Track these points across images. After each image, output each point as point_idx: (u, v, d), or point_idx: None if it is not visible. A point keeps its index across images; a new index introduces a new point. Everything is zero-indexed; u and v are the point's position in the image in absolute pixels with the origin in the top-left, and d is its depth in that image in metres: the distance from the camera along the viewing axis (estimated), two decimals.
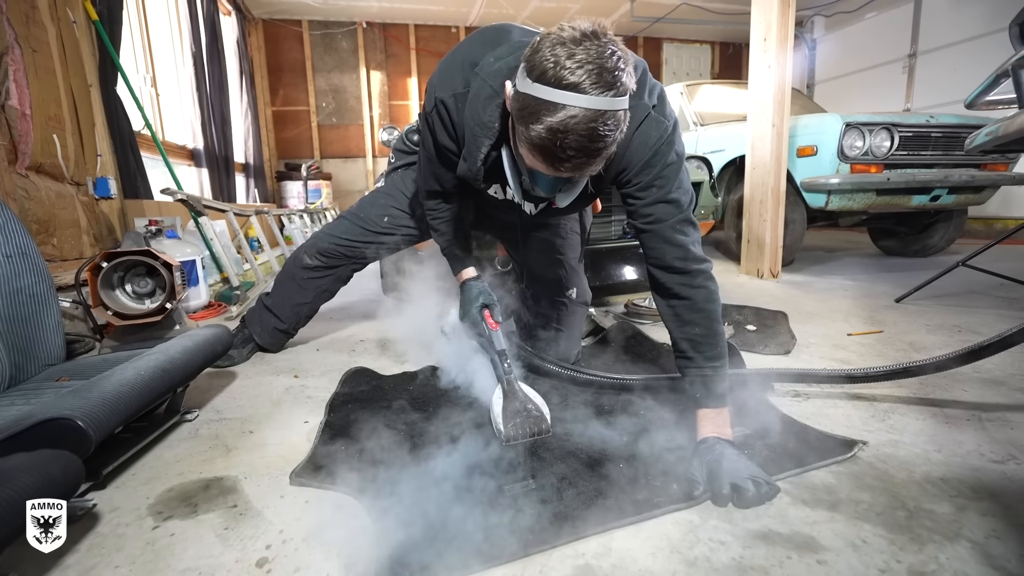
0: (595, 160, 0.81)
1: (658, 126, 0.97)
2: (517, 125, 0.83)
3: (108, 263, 1.76)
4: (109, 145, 2.87)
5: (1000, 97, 1.19)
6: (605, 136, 0.77)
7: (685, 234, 1.02)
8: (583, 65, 0.73)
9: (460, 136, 1.05)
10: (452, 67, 1.04)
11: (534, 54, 0.77)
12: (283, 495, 0.93)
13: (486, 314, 1.25)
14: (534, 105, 0.76)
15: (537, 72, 0.76)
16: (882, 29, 6.57)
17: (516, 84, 0.82)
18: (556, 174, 0.85)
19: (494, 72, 0.94)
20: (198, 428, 1.22)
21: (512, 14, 7.09)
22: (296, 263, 1.71)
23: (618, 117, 0.77)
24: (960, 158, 3.15)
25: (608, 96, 0.75)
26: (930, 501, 0.85)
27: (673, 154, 0.99)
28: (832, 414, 1.21)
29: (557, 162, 0.80)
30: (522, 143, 0.84)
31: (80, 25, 2.71)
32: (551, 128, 0.76)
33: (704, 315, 1.03)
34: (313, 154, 7.50)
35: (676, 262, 1.02)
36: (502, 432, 1.03)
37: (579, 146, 0.77)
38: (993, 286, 2.58)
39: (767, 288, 2.81)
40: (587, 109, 0.74)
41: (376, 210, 1.65)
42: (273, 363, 1.72)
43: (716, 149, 3.76)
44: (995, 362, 1.52)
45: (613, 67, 0.74)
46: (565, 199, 0.97)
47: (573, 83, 0.73)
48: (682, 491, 0.88)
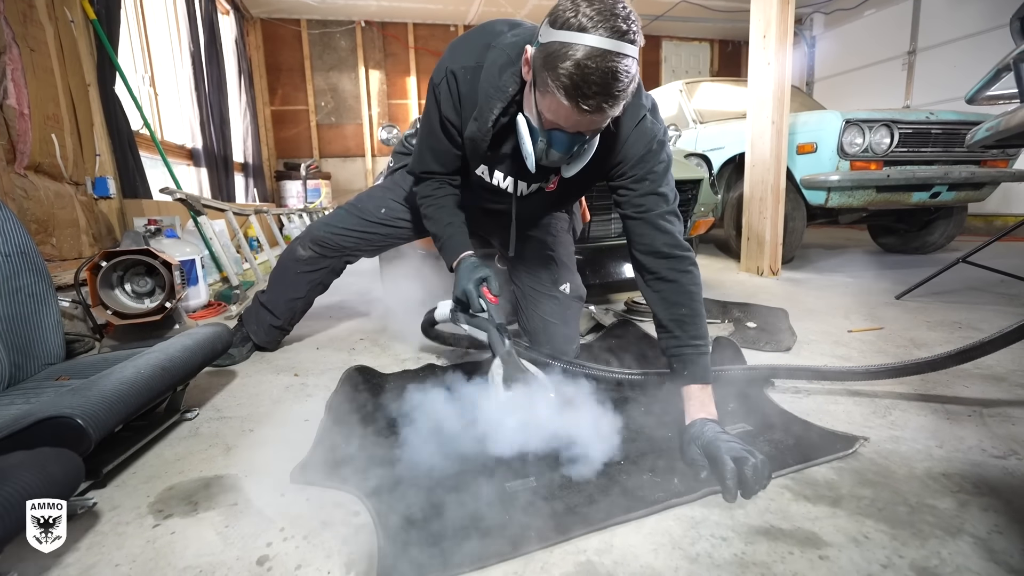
0: (614, 99, 0.87)
1: (653, 127, 1.10)
2: (541, 75, 0.90)
3: (107, 262, 1.75)
4: (108, 145, 2.87)
5: (1001, 92, 1.19)
6: (622, 75, 0.84)
7: (672, 223, 1.12)
8: (600, 12, 0.83)
9: (464, 108, 1.13)
10: (466, 44, 1.12)
11: (556, 8, 0.87)
12: (284, 493, 0.92)
13: (484, 289, 1.20)
14: (560, 48, 0.85)
15: (560, 21, 0.85)
16: (881, 26, 6.56)
17: (539, 39, 0.90)
18: (579, 119, 0.90)
19: (511, 44, 1.05)
20: (198, 427, 1.22)
21: (511, 12, 7.08)
22: (290, 256, 1.69)
23: (632, 60, 0.85)
24: (960, 155, 3.14)
25: (622, 41, 0.83)
26: (932, 496, 0.85)
27: (664, 154, 1.12)
28: (833, 410, 1.21)
29: (581, 97, 0.86)
30: (545, 92, 0.90)
31: (78, 24, 2.70)
32: (577, 63, 0.83)
33: (689, 296, 1.10)
34: (312, 153, 7.49)
35: (664, 247, 1.11)
36: (502, 403, 1.03)
37: (602, 80, 0.84)
38: (993, 282, 2.58)
39: (767, 285, 2.81)
40: (606, 49, 0.82)
41: (374, 202, 1.64)
42: (273, 362, 1.72)
43: (716, 147, 3.75)
44: (996, 358, 1.52)
45: (625, 17, 0.84)
46: (574, 167, 1.04)
47: (591, 27, 0.83)
48: (683, 484, 0.88)
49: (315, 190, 7.04)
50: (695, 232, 2.74)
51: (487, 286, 1.20)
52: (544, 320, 1.55)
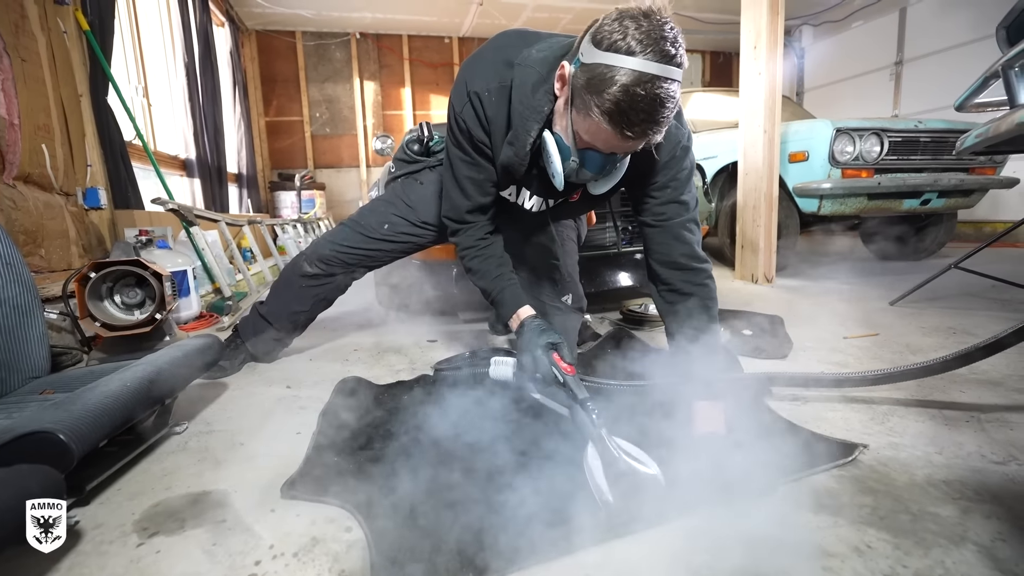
0: (659, 126, 0.85)
1: (678, 132, 1.05)
2: (582, 97, 0.86)
3: (96, 273, 1.73)
4: (99, 155, 2.85)
5: (989, 99, 1.20)
6: (668, 101, 0.82)
7: (692, 232, 1.09)
8: (648, 35, 0.80)
9: (493, 129, 1.08)
10: (483, 64, 1.08)
11: (600, 28, 0.84)
12: (274, 509, 0.90)
13: (556, 357, 1.03)
14: (606, 72, 0.81)
15: (607, 43, 0.82)
16: (869, 38, 6.67)
17: (581, 58, 0.86)
18: (620, 144, 0.88)
19: (540, 59, 0.99)
20: (187, 441, 1.20)
21: (505, 24, 7.14)
22: (295, 270, 1.65)
23: (677, 86, 0.83)
24: (949, 162, 3.18)
25: (671, 66, 0.81)
26: (934, 504, 0.84)
27: (688, 161, 1.08)
28: (831, 417, 1.20)
29: (627, 125, 0.83)
30: (587, 115, 0.87)
31: (71, 35, 2.70)
32: (625, 88, 0.80)
33: (704, 310, 1.08)
34: (306, 164, 7.49)
35: (681, 258, 1.08)
36: (611, 505, 0.83)
37: (649, 108, 0.81)
38: (985, 288, 2.59)
39: (762, 293, 2.81)
40: (655, 75, 0.80)
41: (376, 217, 1.59)
42: (265, 374, 1.70)
43: (708, 156, 3.78)
44: (991, 363, 1.51)
45: (673, 40, 0.81)
46: (605, 185, 1.02)
47: (640, 51, 0.79)
48: (683, 495, 0.86)
49: (309, 200, 7.02)
50: None
51: (558, 354, 1.04)
52: None
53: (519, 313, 1.16)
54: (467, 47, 7.74)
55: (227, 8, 6.05)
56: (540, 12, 6.80)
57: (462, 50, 7.74)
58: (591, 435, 0.91)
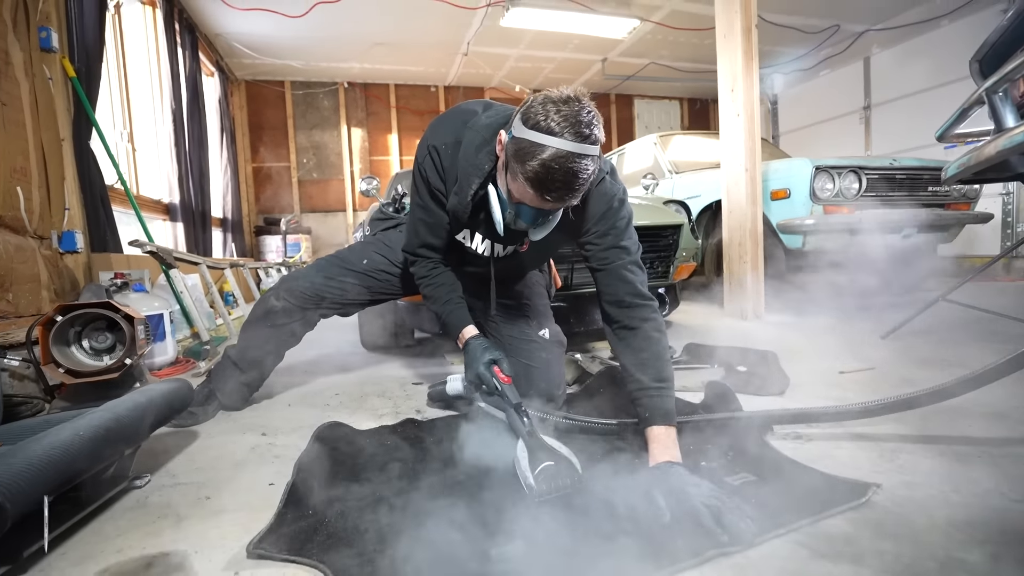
0: (574, 192, 0.99)
1: (613, 187, 1.20)
2: (512, 163, 1.01)
3: (63, 316, 1.64)
4: (79, 198, 2.80)
5: (969, 130, 1.22)
6: (582, 172, 0.96)
7: (634, 274, 1.20)
8: (567, 118, 0.93)
9: (448, 179, 1.23)
10: (444, 124, 1.25)
11: (529, 109, 0.97)
12: (238, 572, 0.81)
13: (495, 369, 1.21)
14: (529, 147, 0.95)
15: (532, 122, 0.95)
16: (837, 84, 7.02)
17: (512, 131, 1.00)
18: (542, 204, 1.02)
19: (485, 125, 1.16)
20: (148, 495, 1.09)
21: (489, 73, 7.40)
22: (262, 307, 1.63)
23: (591, 159, 0.96)
24: (925, 198, 3.26)
25: (584, 144, 0.94)
26: (959, 549, 0.78)
27: (625, 211, 1.21)
28: (838, 455, 1.14)
29: (546, 191, 0.97)
30: (515, 179, 1.01)
31: (56, 81, 2.69)
32: (543, 163, 0.94)
33: (651, 342, 1.16)
34: (293, 209, 7.50)
35: (627, 296, 1.18)
36: (533, 488, 0.96)
37: (564, 179, 0.95)
38: (972, 320, 2.60)
39: (752, 329, 2.79)
40: (569, 152, 0.93)
41: (355, 254, 1.64)
42: (239, 421, 1.60)
43: (692, 195, 3.84)
44: (995, 395, 1.47)
45: (588, 122, 0.95)
46: (540, 232, 1.13)
47: (558, 131, 0.93)
48: (688, 546, 0.79)
49: (295, 245, 6.98)
50: (678, 277, 2.74)
51: (499, 367, 1.22)
52: (527, 366, 1.50)
53: (463, 333, 1.31)
54: (453, 95, 7.97)
55: (217, 59, 6.18)
56: (523, 62, 7.06)
57: (448, 98, 7.96)
58: (520, 433, 1.08)
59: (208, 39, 5.76)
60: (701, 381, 1.70)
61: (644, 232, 2.59)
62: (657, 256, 2.65)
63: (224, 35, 5.75)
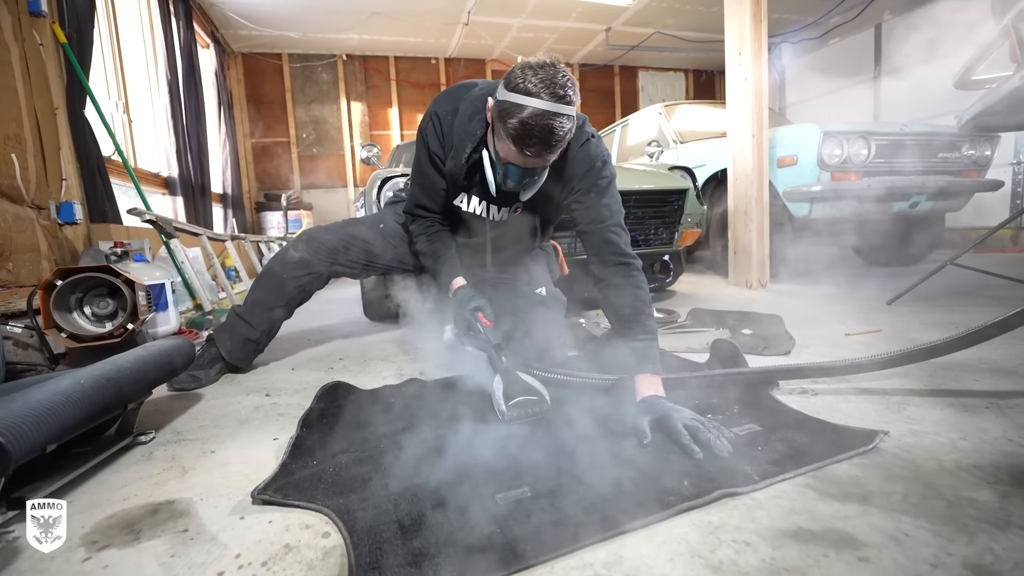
0: (552, 148, 1.09)
1: (596, 148, 1.30)
2: (496, 124, 1.12)
3: (62, 281, 1.63)
4: (76, 169, 2.76)
5: (986, 76, 1.17)
6: (558, 129, 1.06)
7: (617, 235, 1.27)
8: (543, 80, 1.04)
9: (446, 144, 1.35)
10: (446, 96, 1.37)
11: (510, 74, 1.08)
12: (243, 516, 0.81)
13: (479, 315, 1.31)
14: (510, 107, 1.06)
15: (512, 85, 1.07)
16: (846, 53, 6.85)
17: (496, 96, 1.12)
18: (524, 161, 1.12)
19: (478, 96, 1.29)
20: (152, 450, 1.10)
21: (491, 44, 7.24)
22: (279, 259, 1.67)
23: (566, 118, 1.06)
24: (935, 165, 3.20)
25: (559, 103, 1.05)
26: (969, 489, 0.77)
27: (608, 171, 1.30)
28: (845, 408, 1.13)
29: (525, 147, 1.07)
30: (500, 138, 1.12)
31: (48, 48, 2.63)
32: (521, 121, 1.05)
33: (634, 297, 1.23)
34: (293, 184, 7.43)
35: (610, 256, 1.26)
36: (504, 413, 1.11)
37: (541, 135, 1.06)
38: (979, 287, 2.57)
39: (757, 297, 2.77)
40: (544, 109, 1.04)
41: (374, 218, 1.76)
42: (243, 383, 1.60)
43: (697, 164, 3.78)
44: (1000, 353, 1.47)
45: (563, 84, 1.05)
46: (528, 191, 1.25)
47: (535, 92, 1.04)
48: (695, 486, 0.79)
49: (296, 220, 6.93)
50: (683, 243, 2.71)
51: (482, 312, 1.32)
52: (528, 325, 1.50)
53: (453, 284, 1.42)
54: (453, 68, 7.82)
55: (212, 30, 6.05)
56: (525, 32, 6.90)
57: (449, 70, 7.81)
58: (498, 369, 1.22)
59: (203, 9, 5.63)
60: (705, 343, 1.69)
61: (649, 197, 2.55)
62: (662, 222, 2.62)
63: (219, 4, 5.61)
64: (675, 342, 1.83)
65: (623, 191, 2.53)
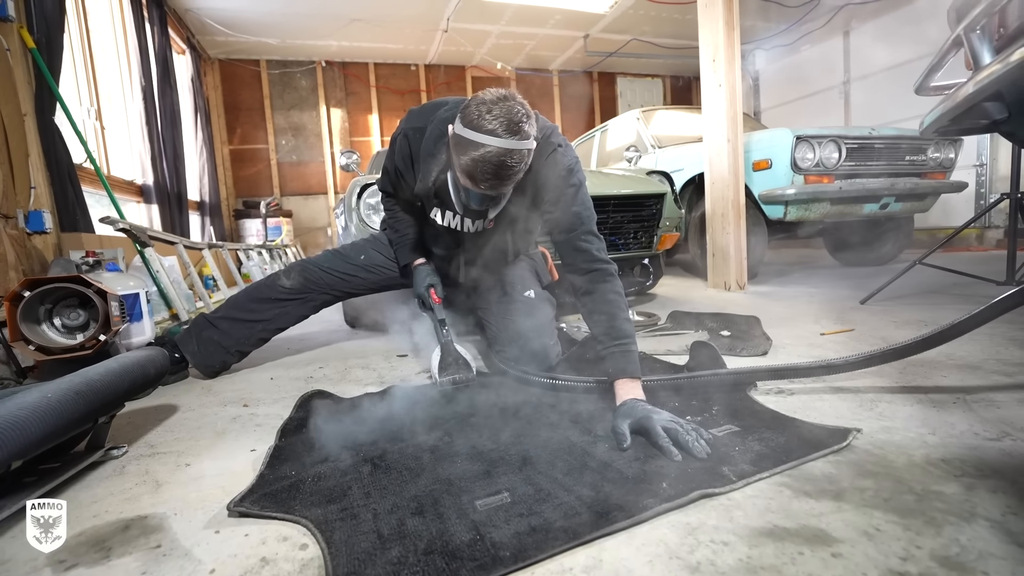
0: (506, 182, 1.11)
1: (564, 155, 1.27)
2: (453, 156, 1.14)
3: (30, 292, 1.59)
4: (45, 177, 2.69)
5: (948, 82, 1.22)
6: (512, 166, 1.07)
7: (590, 243, 1.27)
8: (497, 117, 1.04)
9: (414, 161, 1.39)
10: (419, 113, 1.40)
11: (465, 108, 1.09)
12: (218, 530, 0.79)
13: (431, 291, 1.50)
14: (464, 143, 1.07)
15: (466, 121, 1.07)
16: (817, 60, 7.03)
17: (454, 128, 1.11)
18: (479, 191, 1.15)
19: (442, 119, 1.31)
20: (125, 465, 1.07)
21: (470, 51, 7.26)
22: (271, 281, 1.76)
23: (522, 154, 1.08)
24: (903, 167, 3.30)
25: (514, 139, 1.05)
26: (936, 483, 0.79)
27: (575, 178, 1.28)
28: (819, 407, 1.16)
29: (478, 182, 1.10)
30: (457, 169, 1.14)
31: (15, 52, 2.57)
32: (473, 159, 1.06)
33: (609, 303, 1.22)
34: (272, 192, 7.34)
35: (583, 263, 1.26)
36: (436, 379, 1.37)
37: (493, 172, 1.07)
38: (947, 285, 2.66)
39: (735, 299, 2.82)
40: (497, 147, 1.04)
41: (355, 250, 1.79)
42: (220, 393, 1.57)
43: (675, 168, 3.83)
44: (967, 349, 1.52)
45: (518, 120, 1.05)
46: (493, 211, 1.30)
47: (490, 129, 1.04)
48: (673, 487, 0.80)
49: (276, 228, 6.85)
50: (662, 246, 2.74)
51: (434, 289, 1.51)
52: (518, 328, 1.51)
53: (414, 260, 1.58)
54: (433, 74, 7.82)
55: (188, 36, 5.97)
56: (505, 39, 6.94)
57: (428, 77, 7.81)
58: (440, 340, 1.46)
59: (178, 14, 5.55)
60: (685, 345, 1.71)
61: (628, 202, 2.58)
62: (641, 226, 2.65)
63: (195, 10, 5.53)
64: (655, 344, 1.85)
65: (602, 196, 2.57)
